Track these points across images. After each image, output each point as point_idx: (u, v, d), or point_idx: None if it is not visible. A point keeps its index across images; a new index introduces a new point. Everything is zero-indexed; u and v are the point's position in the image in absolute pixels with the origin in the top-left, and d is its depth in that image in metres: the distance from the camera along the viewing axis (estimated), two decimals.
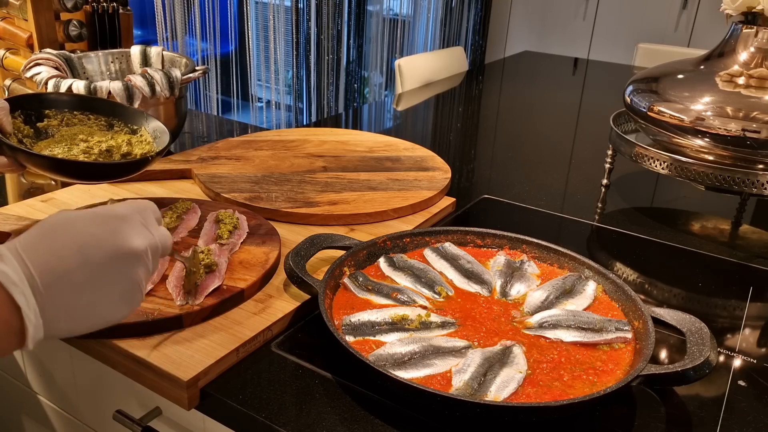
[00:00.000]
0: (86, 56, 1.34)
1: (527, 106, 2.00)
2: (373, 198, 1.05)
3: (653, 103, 1.11)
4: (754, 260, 1.01)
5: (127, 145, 0.89)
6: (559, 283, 0.82)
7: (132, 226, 0.53)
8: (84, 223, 0.50)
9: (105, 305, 0.51)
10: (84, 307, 0.49)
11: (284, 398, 0.65)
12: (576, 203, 1.21)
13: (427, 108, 1.95)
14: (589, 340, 0.71)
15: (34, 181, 1.18)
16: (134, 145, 0.90)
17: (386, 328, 0.72)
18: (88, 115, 0.95)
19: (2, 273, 0.43)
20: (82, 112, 0.95)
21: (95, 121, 0.95)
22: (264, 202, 1.01)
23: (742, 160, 1.02)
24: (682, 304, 0.89)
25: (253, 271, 0.80)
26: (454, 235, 0.92)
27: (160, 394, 0.68)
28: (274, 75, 3.04)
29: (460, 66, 2.50)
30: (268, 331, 0.74)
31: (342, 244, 0.86)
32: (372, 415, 0.64)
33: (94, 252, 0.48)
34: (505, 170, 1.39)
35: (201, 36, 2.60)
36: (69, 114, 0.93)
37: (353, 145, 1.30)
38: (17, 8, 1.37)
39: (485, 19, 4.42)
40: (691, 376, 0.64)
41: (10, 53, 1.42)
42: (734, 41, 1.09)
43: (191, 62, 1.31)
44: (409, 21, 3.86)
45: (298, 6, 2.97)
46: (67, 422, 0.89)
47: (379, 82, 3.79)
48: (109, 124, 0.95)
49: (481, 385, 0.64)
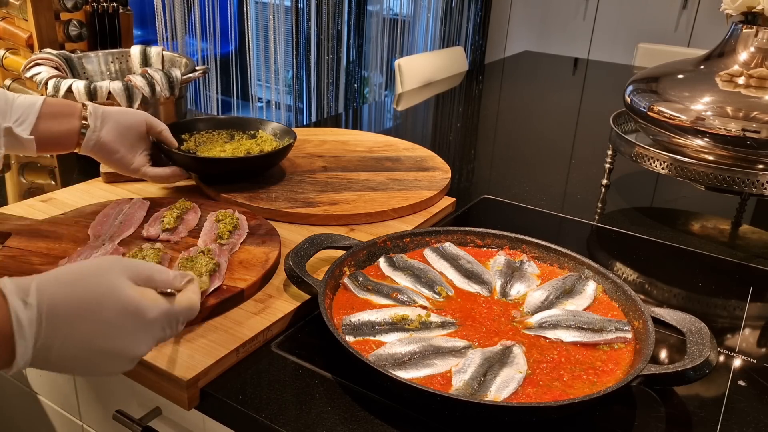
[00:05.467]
0: (86, 56, 1.34)
1: (527, 106, 2.00)
2: (373, 198, 1.05)
3: (653, 103, 1.11)
4: (754, 260, 1.01)
5: (257, 146, 1.11)
6: (559, 283, 0.82)
7: (150, 332, 0.55)
8: (112, 307, 0.52)
9: (90, 374, 0.55)
10: (70, 368, 0.53)
11: (284, 398, 0.65)
12: (576, 203, 1.21)
13: (427, 108, 1.95)
14: (589, 340, 0.71)
15: (34, 181, 1.18)
16: (261, 145, 1.12)
17: (386, 328, 0.72)
18: (212, 132, 1.17)
19: (16, 318, 0.47)
20: (207, 131, 1.17)
21: (218, 135, 1.17)
22: (264, 202, 1.01)
23: (742, 160, 1.02)
24: (682, 304, 0.89)
25: (253, 271, 0.80)
26: (454, 235, 0.92)
27: (160, 394, 0.68)
28: (274, 75, 3.04)
29: (460, 66, 2.50)
30: (268, 331, 0.74)
31: (342, 244, 0.86)
32: (372, 415, 0.64)
33: (101, 342, 0.51)
34: (505, 170, 1.39)
35: (201, 36, 2.60)
36: (197, 134, 1.16)
37: (353, 145, 1.30)
38: (17, 8, 1.37)
39: (485, 19, 4.42)
40: (691, 376, 0.64)
41: (10, 53, 1.42)
42: (734, 41, 1.09)
43: (191, 62, 1.31)
44: (409, 21, 3.86)
45: (298, 6, 2.97)
46: (67, 422, 0.89)
47: (379, 82, 3.79)
48: (231, 135, 1.18)
49: (481, 385, 0.64)
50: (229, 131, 1.19)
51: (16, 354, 0.48)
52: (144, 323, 0.54)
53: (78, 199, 1.03)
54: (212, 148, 1.12)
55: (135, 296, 0.53)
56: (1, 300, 0.48)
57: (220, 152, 1.10)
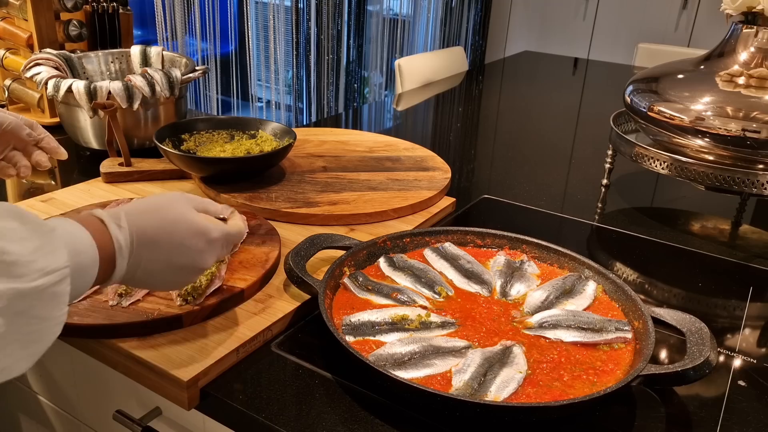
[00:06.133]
0: (86, 56, 1.34)
1: (527, 106, 2.00)
2: (373, 198, 1.05)
3: (653, 103, 1.11)
4: (754, 260, 1.01)
5: (257, 145, 1.12)
6: (559, 283, 0.82)
7: (213, 250, 0.65)
8: (185, 231, 0.62)
9: (165, 287, 0.68)
10: (151, 282, 0.63)
11: (284, 398, 0.65)
12: (576, 203, 1.21)
13: (427, 108, 1.95)
14: (589, 340, 0.71)
15: (34, 181, 1.18)
16: (261, 145, 1.13)
17: (386, 328, 0.72)
18: (212, 132, 1.18)
19: (116, 239, 0.57)
20: (207, 131, 1.18)
21: (218, 135, 1.17)
22: (264, 202, 1.01)
23: (742, 160, 1.02)
24: (682, 304, 0.88)
25: (253, 271, 0.80)
26: (454, 235, 0.92)
27: (160, 394, 0.68)
28: (274, 75, 3.04)
29: (460, 66, 2.50)
30: (268, 331, 0.74)
31: (342, 244, 0.86)
32: (372, 415, 0.64)
33: (177, 258, 0.62)
34: (505, 170, 1.39)
35: (201, 36, 2.60)
36: (197, 134, 1.16)
37: (353, 145, 1.30)
38: (17, 8, 1.37)
39: (485, 19, 4.42)
40: (691, 376, 0.64)
41: (10, 53, 1.42)
42: (734, 41, 1.09)
43: (191, 62, 1.31)
44: (409, 21, 3.86)
45: (298, 6, 2.97)
46: (67, 422, 0.89)
47: (379, 82, 3.79)
48: (231, 135, 1.18)
49: (481, 385, 0.64)
50: (229, 131, 1.19)
51: (115, 269, 0.57)
52: (209, 241, 0.64)
53: (78, 199, 1.03)
54: (212, 148, 1.12)
55: (201, 220, 0.64)
56: (101, 225, 0.57)
57: (220, 152, 1.10)
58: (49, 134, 0.89)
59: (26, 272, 0.46)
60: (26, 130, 0.86)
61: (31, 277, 0.46)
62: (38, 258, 0.47)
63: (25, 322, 0.46)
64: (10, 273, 0.45)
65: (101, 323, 0.68)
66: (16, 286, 0.45)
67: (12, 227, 0.47)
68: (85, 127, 1.20)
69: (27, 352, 0.48)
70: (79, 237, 0.54)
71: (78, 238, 0.53)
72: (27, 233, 0.47)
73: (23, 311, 0.46)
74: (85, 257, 0.53)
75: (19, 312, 0.46)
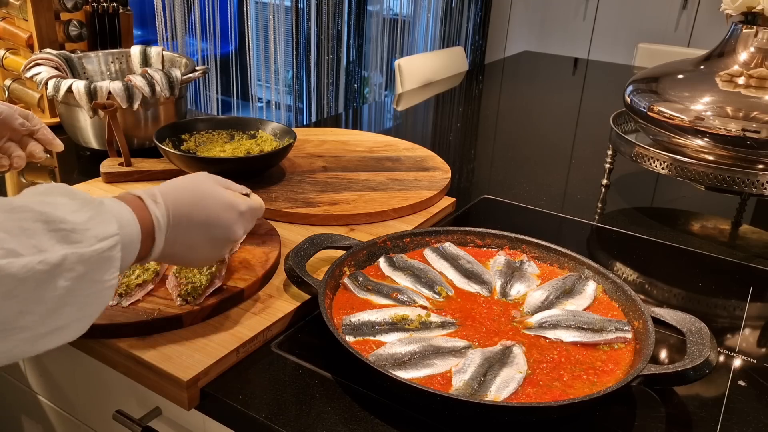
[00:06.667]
0: (86, 56, 1.34)
1: (527, 106, 2.00)
2: (373, 198, 1.05)
3: (653, 103, 1.11)
4: (754, 260, 1.01)
5: (257, 146, 1.13)
6: (559, 283, 0.82)
7: (243, 222, 0.70)
8: (217, 205, 0.67)
9: (199, 260, 0.69)
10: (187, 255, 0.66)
11: (284, 398, 0.65)
12: (576, 203, 1.21)
13: (427, 108, 1.95)
14: (589, 340, 0.71)
15: (34, 181, 1.18)
16: (261, 145, 1.13)
17: (386, 328, 0.72)
18: (212, 132, 1.18)
19: (155, 215, 0.60)
20: (207, 131, 1.18)
21: (218, 135, 1.18)
22: (264, 202, 1.01)
23: (742, 160, 1.02)
24: (682, 304, 0.89)
25: (253, 271, 0.80)
26: (454, 235, 0.92)
27: (160, 394, 0.68)
28: (274, 75, 3.04)
29: (460, 66, 2.50)
30: (268, 331, 0.74)
31: (342, 244, 0.86)
32: (372, 415, 0.64)
33: (212, 231, 0.66)
34: (505, 170, 1.39)
35: (201, 36, 2.59)
36: (197, 134, 1.17)
37: (353, 145, 1.30)
38: (17, 8, 1.37)
39: (485, 19, 4.42)
40: (691, 376, 0.64)
41: (10, 53, 1.42)
42: (734, 41, 1.09)
43: (191, 62, 1.31)
44: (409, 21, 3.86)
45: (298, 6, 2.97)
46: (67, 422, 0.89)
47: (379, 82, 3.79)
48: (231, 135, 1.19)
49: (481, 385, 0.64)
50: (229, 131, 1.19)
51: (155, 244, 0.60)
52: (239, 214, 0.69)
53: None
54: (212, 148, 1.12)
55: (230, 195, 0.69)
56: (140, 203, 0.60)
57: (220, 152, 1.10)
58: (44, 125, 0.89)
59: (84, 239, 0.50)
60: (19, 120, 0.86)
61: (89, 242, 0.50)
62: (92, 226, 0.51)
63: (84, 286, 0.50)
64: (69, 239, 0.49)
65: (101, 323, 0.68)
66: (77, 250, 0.49)
67: (63, 202, 0.51)
68: (85, 127, 1.20)
69: (83, 314, 0.52)
70: (123, 212, 0.57)
71: (122, 213, 0.57)
72: (78, 206, 0.52)
73: (82, 275, 0.50)
74: (130, 230, 0.57)
75: (80, 275, 0.50)
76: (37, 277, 0.47)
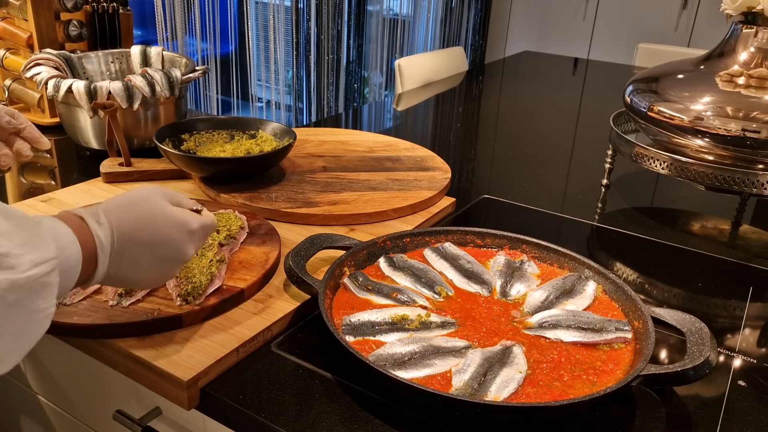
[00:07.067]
0: (86, 56, 1.34)
1: (527, 106, 2.00)
2: (373, 198, 1.05)
3: (653, 103, 1.11)
4: (754, 260, 1.01)
5: (257, 146, 1.12)
6: (559, 283, 0.82)
7: (194, 241, 0.66)
8: (166, 224, 0.63)
9: (148, 281, 0.66)
10: (134, 277, 0.63)
11: (284, 398, 0.65)
12: (576, 203, 1.21)
13: (427, 108, 1.95)
14: (589, 340, 0.71)
15: (34, 181, 1.18)
16: (261, 145, 1.12)
17: (386, 328, 0.72)
18: (212, 132, 1.18)
19: (97, 236, 0.57)
20: (207, 131, 1.18)
21: (218, 135, 1.18)
22: (264, 202, 1.01)
23: (742, 160, 1.02)
24: (682, 304, 0.89)
25: (253, 271, 0.80)
26: (454, 235, 0.92)
27: (160, 394, 0.68)
28: (274, 75, 3.04)
29: (460, 66, 2.50)
30: (268, 331, 0.74)
31: (342, 244, 0.86)
32: (372, 415, 0.64)
33: (160, 251, 0.63)
34: (505, 170, 1.39)
35: (201, 36, 2.59)
36: (197, 134, 1.16)
37: (353, 145, 1.30)
38: (17, 8, 1.37)
39: (485, 19, 4.42)
40: (691, 376, 0.64)
41: (10, 53, 1.42)
42: (734, 41, 1.09)
43: (191, 62, 1.31)
44: (409, 21, 3.86)
45: (298, 6, 2.97)
46: (67, 422, 0.89)
47: (379, 82, 3.79)
48: (231, 135, 1.18)
49: (481, 385, 0.64)
50: (229, 131, 1.19)
51: (97, 267, 0.57)
52: (189, 232, 0.65)
53: (78, 199, 1.03)
54: (212, 148, 1.12)
55: (179, 212, 0.65)
56: (81, 223, 0.57)
57: (220, 152, 1.10)
58: (31, 123, 0.88)
59: (18, 264, 0.46)
60: (5, 118, 0.85)
61: (23, 268, 0.46)
62: (28, 250, 0.47)
63: (17, 314, 0.46)
64: (2, 264, 0.45)
65: (101, 323, 0.68)
66: (10, 276, 0.45)
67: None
68: (85, 127, 1.21)
69: (17, 345, 0.48)
70: (62, 233, 0.53)
71: (61, 234, 0.53)
72: (13, 227, 0.48)
73: (15, 302, 0.46)
74: (69, 253, 0.53)
75: (12, 303, 0.46)
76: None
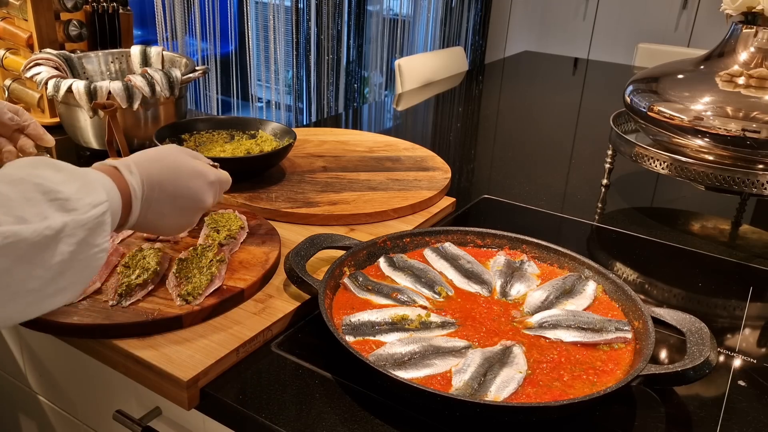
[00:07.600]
0: (86, 56, 1.34)
1: (527, 106, 2.00)
2: (373, 198, 1.05)
3: (653, 103, 1.11)
4: (754, 260, 1.01)
5: (257, 146, 1.12)
6: (559, 283, 0.82)
7: (211, 191, 0.74)
8: (187, 173, 0.71)
9: (171, 227, 0.72)
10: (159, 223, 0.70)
11: (284, 398, 0.65)
12: (576, 203, 1.21)
13: (427, 108, 1.95)
14: (589, 340, 0.71)
15: None
16: (261, 145, 1.13)
17: (386, 328, 0.72)
18: (212, 132, 1.19)
19: (131, 184, 0.64)
20: (207, 131, 1.18)
21: (218, 135, 1.18)
22: (264, 202, 1.01)
23: (742, 160, 1.02)
24: (682, 304, 0.89)
25: (253, 271, 0.80)
26: (454, 235, 0.92)
27: (160, 394, 0.68)
28: (274, 75, 3.04)
29: (460, 66, 2.50)
30: (268, 331, 0.74)
31: (342, 244, 0.86)
32: (372, 415, 0.64)
33: (182, 198, 0.70)
34: (505, 170, 1.39)
35: (201, 36, 2.59)
36: (197, 134, 1.17)
37: (353, 145, 1.30)
38: (17, 8, 1.37)
39: (485, 19, 4.42)
40: (691, 376, 0.64)
41: (10, 53, 1.42)
42: (734, 41, 1.09)
43: (191, 62, 1.31)
44: (409, 21, 3.86)
45: (298, 6, 2.97)
46: (67, 422, 0.89)
47: (379, 82, 3.79)
48: (231, 135, 1.19)
49: (481, 385, 0.64)
50: (229, 131, 1.20)
51: (131, 212, 0.64)
52: (208, 182, 0.73)
53: None
54: (212, 148, 1.12)
55: (199, 165, 0.73)
56: (116, 173, 0.64)
57: (220, 152, 1.10)
58: (35, 121, 0.90)
59: (79, 206, 0.54)
60: (8, 115, 0.88)
61: (84, 209, 0.54)
62: (84, 195, 0.55)
63: (82, 249, 0.54)
64: (67, 208, 0.53)
65: (101, 323, 0.68)
66: (76, 217, 0.53)
67: (50, 174, 0.55)
68: (85, 127, 1.20)
69: (80, 276, 0.56)
70: (105, 182, 0.60)
71: (105, 183, 0.60)
72: (67, 176, 0.55)
73: (82, 239, 0.54)
74: (113, 197, 0.60)
75: (80, 240, 0.54)
76: (45, 242, 0.51)
